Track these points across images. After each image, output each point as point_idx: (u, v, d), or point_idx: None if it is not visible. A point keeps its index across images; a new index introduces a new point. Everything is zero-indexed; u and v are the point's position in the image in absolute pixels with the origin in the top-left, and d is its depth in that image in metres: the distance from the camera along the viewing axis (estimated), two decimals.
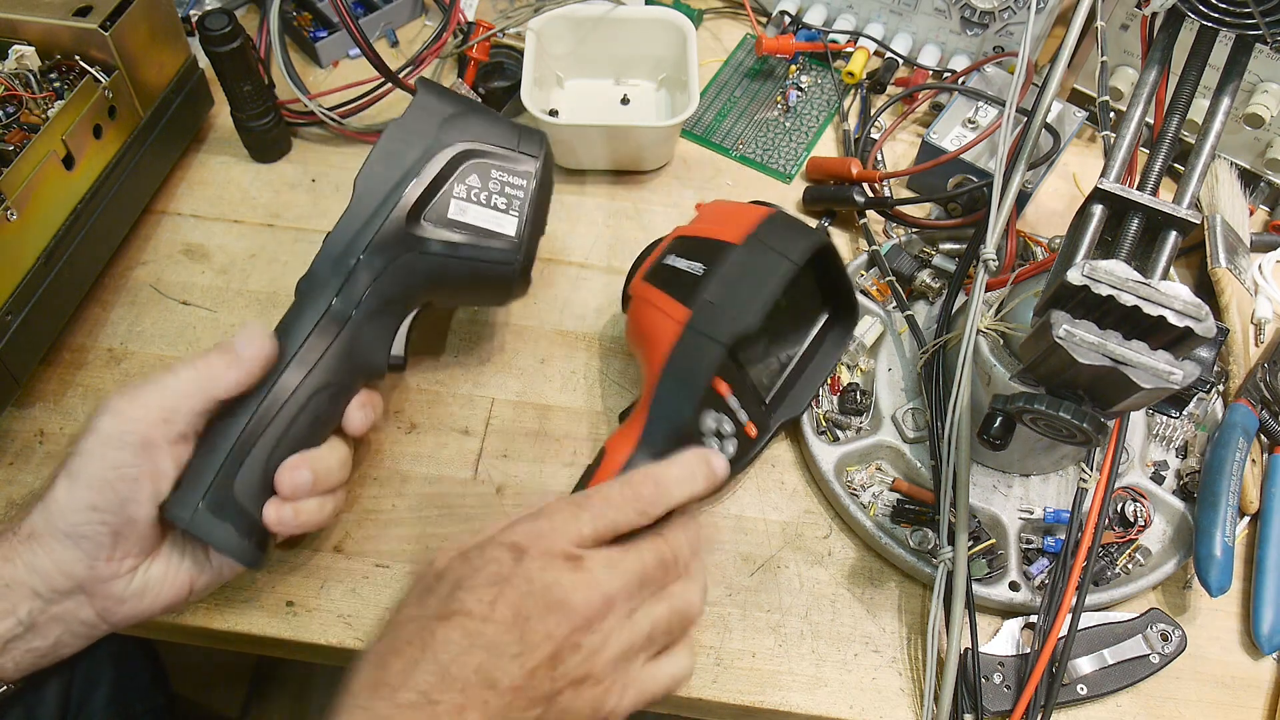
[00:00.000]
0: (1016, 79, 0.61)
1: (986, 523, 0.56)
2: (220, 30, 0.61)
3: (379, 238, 0.50)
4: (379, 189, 0.51)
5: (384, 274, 0.50)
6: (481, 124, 0.53)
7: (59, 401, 0.59)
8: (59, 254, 0.57)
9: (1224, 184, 0.67)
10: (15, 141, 0.54)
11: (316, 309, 0.49)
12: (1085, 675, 0.52)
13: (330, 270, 0.50)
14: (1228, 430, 0.57)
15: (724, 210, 0.57)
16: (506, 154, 0.53)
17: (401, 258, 0.51)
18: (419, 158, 0.51)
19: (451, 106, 0.53)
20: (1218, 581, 0.52)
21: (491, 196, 0.52)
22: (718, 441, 0.54)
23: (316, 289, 0.50)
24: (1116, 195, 0.46)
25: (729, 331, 0.50)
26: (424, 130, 0.52)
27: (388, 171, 0.51)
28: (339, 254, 0.50)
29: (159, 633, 0.54)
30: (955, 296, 0.62)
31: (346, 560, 0.54)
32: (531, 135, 0.54)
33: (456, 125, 0.52)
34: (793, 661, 0.53)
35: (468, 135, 0.52)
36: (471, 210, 0.52)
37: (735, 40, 0.81)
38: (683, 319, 0.51)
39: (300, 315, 0.49)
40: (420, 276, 0.52)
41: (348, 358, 0.49)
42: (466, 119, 0.53)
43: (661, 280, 0.54)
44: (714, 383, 0.52)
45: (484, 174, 0.52)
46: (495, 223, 0.52)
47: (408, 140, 0.51)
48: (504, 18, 0.73)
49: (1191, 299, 0.40)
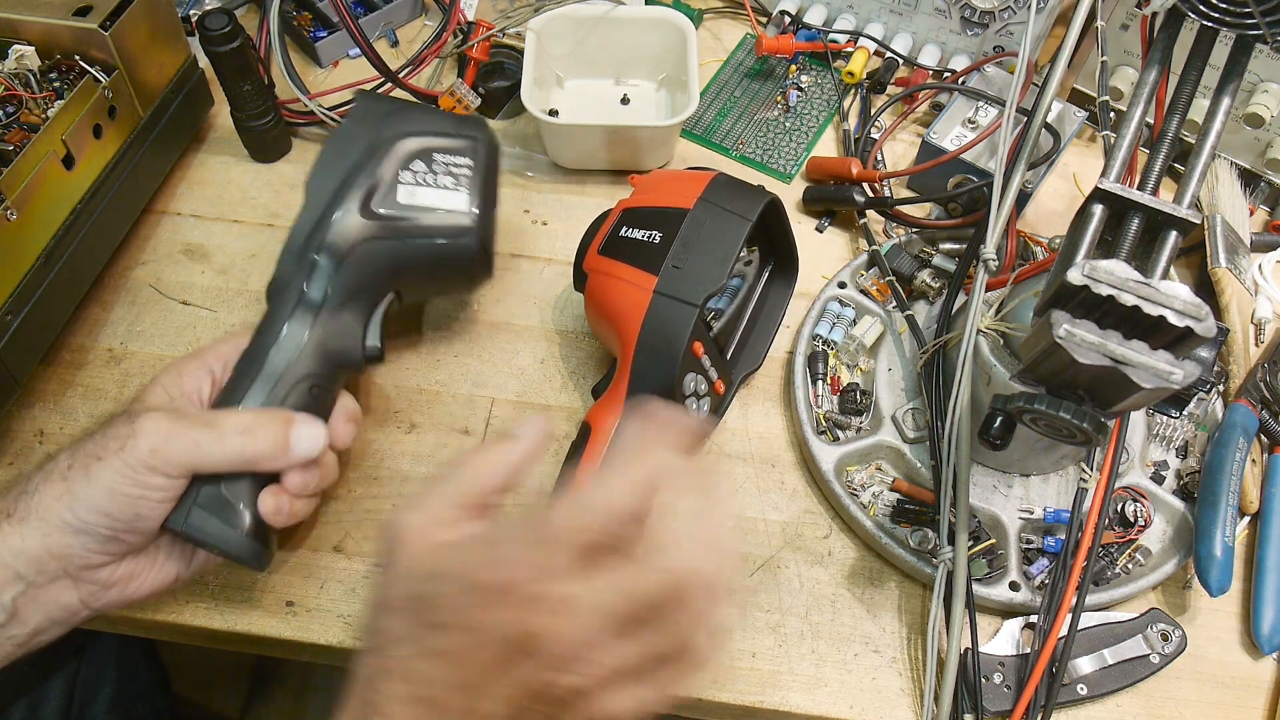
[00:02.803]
0: (1016, 79, 0.61)
1: (986, 523, 0.56)
2: (220, 30, 0.61)
3: (334, 230, 0.52)
4: (328, 186, 0.53)
5: (345, 264, 0.52)
6: (420, 116, 0.56)
7: (59, 401, 0.59)
8: (59, 254, 0.57)
9: (1224, 184, 0.67)
10: (15, 141, 0.54)
11: (287, 306, 0.51)
12: (1085, 675, 0.52)
13: (293, 267, 0.52)
14: (1228, 430, 0.57)
15: (664, 179, 0.58)
16: (448, 138, 0.56)
17: (359, 246, 0.53)
18: (363, 153, 0.54)
19: (389, 106, 0.56)
20: (1218, 581, 0.52)
21: (439, 177, 0.55)
22: (696, 401, 0.56)
23: (283, 288, 0.52)
24: (1117, 195, 0.46)
25: (699, 293, 0.52)
26: (365, 130, 0.54)
27: (334, 171, 0.53)
28: (298, 251, 0.52)
29: (159, 633, 0.54)
30: (955, 296, 0.62)
31: (346, 560, 0.54)
32: (471, 121, 0.57)
33: (396, 120, 0.55)
34: (793, 661, 0.53)
35: (407, 127, 0.55)
36: (421, 192, 0.54)
37: (735, 40, 0.81)
38: (651, 286, 0.52)
39: (274, 315, 0.51)
40: (381, 262, 0.53)
41: (323, 350, 0.51)
42: (405, 114, 0.56)
43: (619, 252, 0.55)
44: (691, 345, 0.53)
45: (428, 159, 0.55)
46: (446, 201, 0.54)
47: (350, 140, 0.54)
48: (504, 18, 0.73)
49: (1191, 299, 0.40)
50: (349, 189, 0.53)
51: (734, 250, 0.53)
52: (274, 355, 0.50)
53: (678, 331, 0.52)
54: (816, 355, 0.61)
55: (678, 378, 0.53)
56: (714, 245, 0.53)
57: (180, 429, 0.45)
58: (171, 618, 0.52)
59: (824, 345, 0.62)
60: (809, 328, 0.62)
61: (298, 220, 0.53)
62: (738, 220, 0.54)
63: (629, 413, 0.53)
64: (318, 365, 0.51)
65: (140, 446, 0.44)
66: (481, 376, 0.62)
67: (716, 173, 0.57)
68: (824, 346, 0.62)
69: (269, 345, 0.50)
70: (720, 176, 0.56)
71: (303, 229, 0.53)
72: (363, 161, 0.53)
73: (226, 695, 1.11)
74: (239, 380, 0.49)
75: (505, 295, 0.65)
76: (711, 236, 0.53)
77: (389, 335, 0.56)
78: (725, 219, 0.54)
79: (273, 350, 0.50)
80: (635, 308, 0.53)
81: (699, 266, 0.52)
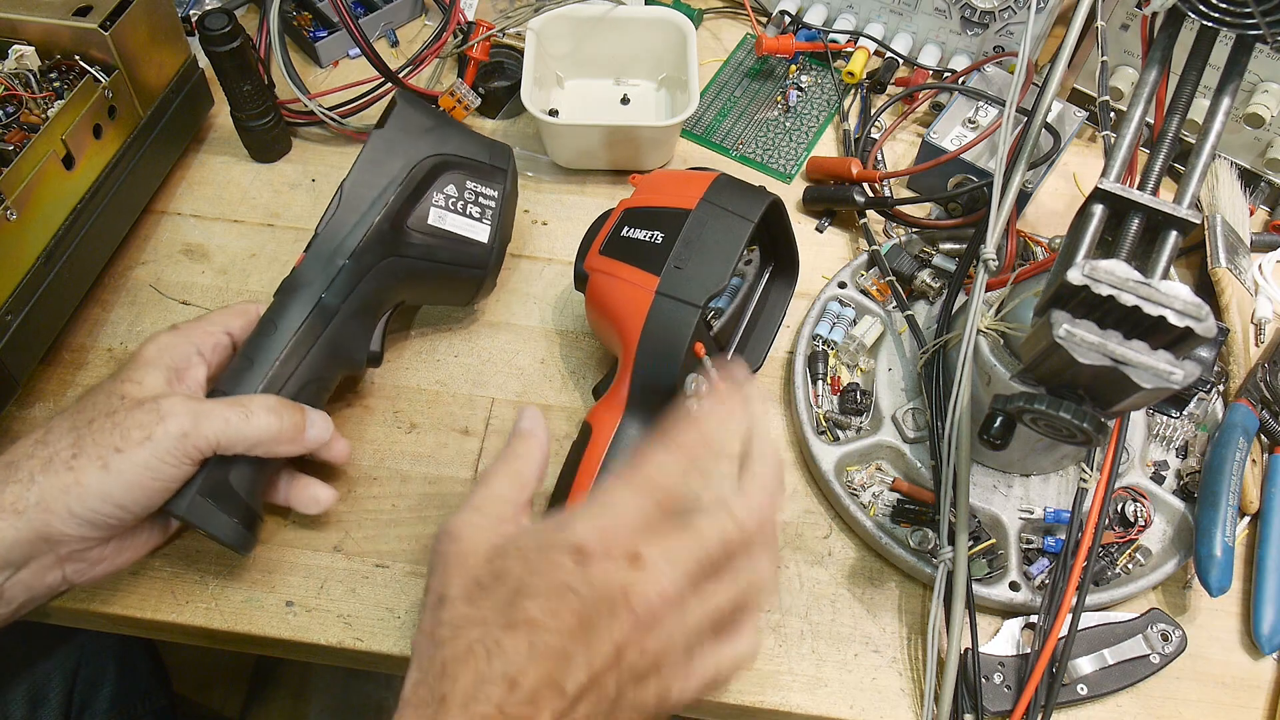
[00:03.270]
0: (1016, 79, 0.61)
1: (987, 523, 0.56)
2: (220, 30, 0.61)
3: (366, 240, 0.53)
4: (366, 194, 0.54)
5: (369, 274, 0.54)
6: (457, 138, 0.58)
7: (59, 401, 0.59)
8: (59, 254, 0.57)
9: (1224, 184, 0.67)
10: (15, 141, 0.54)
11: (305, 306, 0.52)
12: (1085, 675, 0.52)
13: (319, 270, 0.53)
14: (1228, 430, 0.57)
15: (665, 179, 0.58)
16: (479, 166, 0.58)
17: (386, 260, 0.54)
18: (402, 166, 0.55)
19: (430, 120, 0.57)
20: (1218, 581, 0.52)
21: (467, 206, 0.57)
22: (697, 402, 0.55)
23: (303, 287, 0.52)
24: (1117, 195, 0.46)
25: (701, 293, 0.52)
26: (406, 141, 0.56)
27: (374, 178, 0.54)
28: (328, 255, 0.53)
29: (159, 633, 0.54)
30: (955, 296, 0.62)
31: (346, 560, 0.54)
32: (500, 149, 0.59)
33: (435, 137, 0.56)
34: (793, 661, 0.53)
35: (446, 147, 0.57)
36: (449, 218, 0.56)
37: (735, 40, 0.81)
38: (653, 287, 0.52)
39: (288, 312, 0.52)
40: (401, 277, 0.55)
41: (332, 352, 0.53)
42: (444, 132, 0.57)
43: (621, 253, 0.55)
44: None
45: (460, 184, 0.57)
46: (470, 230, 0.57)
47: (391, 150, 0.55)
48: (504, 18, 0.73)
49: (1192, 299, 0.40)
50: (384, 203, 0.54)
51: (736, 251, 0.53)
52: (284, 354, 0.51)
53: (680, 332, 0.52)
54: (816, 355, 0.61)
55: (679, 378, 0.53)
56: (716, 246, 0.53)
57: (209, 409, 0.46)
58: (171, 618, 0.52)
59: (824, 345, 0.62)
60: (809, 328, 0.62)
61: (329, 223, 0.53)
62: (740, 221, 0.54)
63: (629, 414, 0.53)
64: (325, 367, 0.52)
65: (170, 431, 0.44)
66: (481, 376, 0.62)
67: (718, 173, 0.57)
68: (824, 346, 0.62)
69: (281, 344, 0.51)
70: (722, 177, 0.56)
71: (336, 232, 0.53)
72: (401, 175, 0.55)
73: (226, 695, 1.11)
74: (245, 373, 0.50)
75: (505, 295, 0.65)
76: (713, 237, 0.53)
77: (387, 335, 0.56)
78: (727, 220, 0.54)
79: (284, 349, 0.51)
80: (637, 308, 0.53)
81: (701, 267, 0.52)
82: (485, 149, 0.58)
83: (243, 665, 1.13)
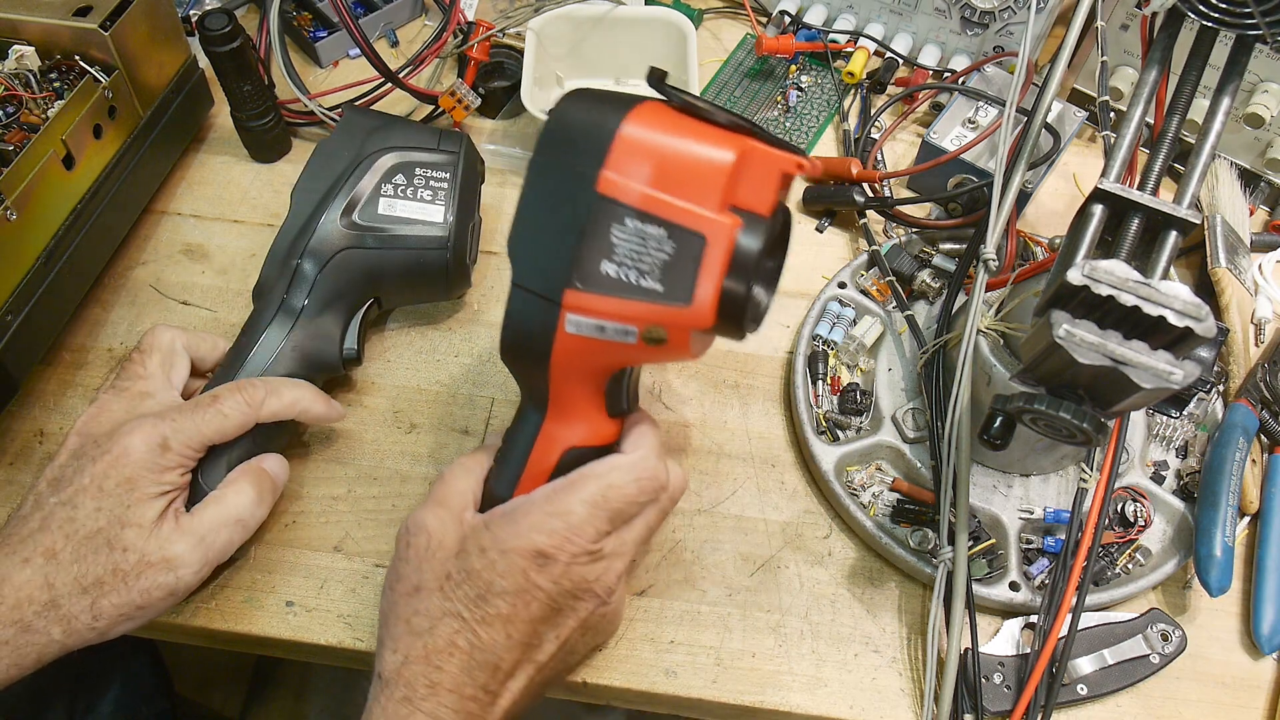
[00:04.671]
0: (1016, 79, 0.61)
1: (986, 523, 0.56)
2: (220, 30, 0.61)
3: (316, 238, 0.55)
4: (312, 197, 0.56)
5: (325, 270, 0.55)
6: (403, 131, 0.59)
7: (59, 401, 0.59)
8: (59, 254, 0.57)
9: (1224, 184, 0.67)
10: (15, 141, 0.54)
11: (270, 308, 0.55)
12: (1085, 675, 0.52)
13: (277, 272, 0.55)
14: (1228, 430, 0.57)
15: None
16: (429, 153, 0.58)
17: (339, 253, 0.56)
18: (348, 165, 0.57)
19: (375, 120, 0.59)
20: (1218, 581, 0.52)
21: (418, 191, 0.58)
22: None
23: (267, 292, 0.55)
24: (1116, 195, 0.46)
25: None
26: (351, 143, 0.58)
27: (319, 182, 0.57)
28: (282, 257, 0.56)
29: (159, 633, 0.54)
30: (955, 296, 0.62)
31: (346, 560, 0.54)
32: (451, 135, 0.60)
33: (380, 134, 0.58)
34: (793, 661, 0.53)
35: (391, 142, 0.58)
36: (400, 204, 0.57)
37: (735, 40, 0.81)
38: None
39: (257, 317, 0.55)
40: (359, 270, 0.56)
41: (301, 353, 0.55)
42: (389, 128, 0.59)
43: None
44: None
45: (409, 172, 0.58)
46: (424, 213, 0.58)
47: (336, 154, 0.57)
48: (504, 18, 0.73)
49: (1192, 299, 0.40)
50: (332, 199, 0.56)
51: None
52: (255, 356, 0.53)
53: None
54: (816, 355, 0.61)
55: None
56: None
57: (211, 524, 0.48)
58: (171, 618, 0.51)
59: (824, 345, 0.62)
60: (809, 328, 0.62)
61: (282, 227, 0.56)
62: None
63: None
64: (297, 367, 0.54)
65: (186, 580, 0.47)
66: (481, 376, 0.62)
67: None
68: (824, 346, 0.62)
69: (250, 346, 0.54)
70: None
71: (287, 236, 0.56)
72: (346, 173, 0.57)
73: (226, 695, 1.11)
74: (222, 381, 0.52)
75: (505, 295, 0.65)
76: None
77: (379, 337, 0.57)
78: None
79: (254, 351, 0.53)
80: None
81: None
82: (433, 137, 0.59)
83: (243, 665, 1.13)
